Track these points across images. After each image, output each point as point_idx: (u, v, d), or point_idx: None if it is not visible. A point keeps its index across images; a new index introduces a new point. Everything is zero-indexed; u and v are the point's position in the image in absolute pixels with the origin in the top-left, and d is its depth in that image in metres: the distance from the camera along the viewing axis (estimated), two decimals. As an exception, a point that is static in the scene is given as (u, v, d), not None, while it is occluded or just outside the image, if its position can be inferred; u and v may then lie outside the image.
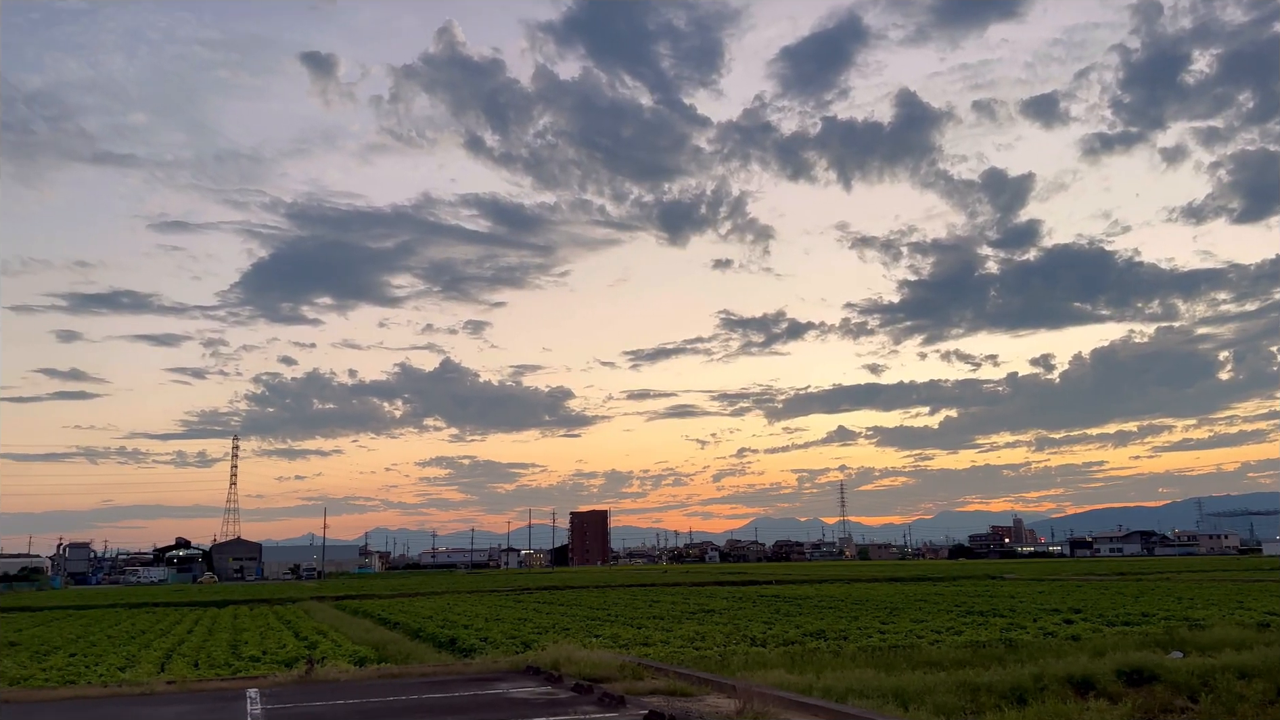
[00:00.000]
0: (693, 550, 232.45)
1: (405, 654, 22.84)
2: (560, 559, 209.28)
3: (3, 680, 18.72)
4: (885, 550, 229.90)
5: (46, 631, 33.45)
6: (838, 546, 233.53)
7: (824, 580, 68.63)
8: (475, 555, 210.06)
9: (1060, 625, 26.19)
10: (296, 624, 34.27)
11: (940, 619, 29.24)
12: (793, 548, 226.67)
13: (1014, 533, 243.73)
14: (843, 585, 59.26)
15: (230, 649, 25.18)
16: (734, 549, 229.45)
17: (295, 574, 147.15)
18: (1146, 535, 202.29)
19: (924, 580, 66.32)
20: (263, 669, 19.59)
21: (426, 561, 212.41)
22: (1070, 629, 25.02)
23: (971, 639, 22.85)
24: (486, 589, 64.56)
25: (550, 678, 15.38)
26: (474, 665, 18.26)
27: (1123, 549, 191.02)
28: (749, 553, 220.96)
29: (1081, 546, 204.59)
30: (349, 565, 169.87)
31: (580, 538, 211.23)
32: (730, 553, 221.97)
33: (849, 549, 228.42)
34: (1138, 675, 16.91)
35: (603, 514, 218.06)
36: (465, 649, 23.43)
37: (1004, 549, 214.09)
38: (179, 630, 33.03)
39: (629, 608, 38.55)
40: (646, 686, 14.14)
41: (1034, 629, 25.11)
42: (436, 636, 27.43)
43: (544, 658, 17.28)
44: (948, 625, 26.86)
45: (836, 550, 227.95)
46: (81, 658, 23.43)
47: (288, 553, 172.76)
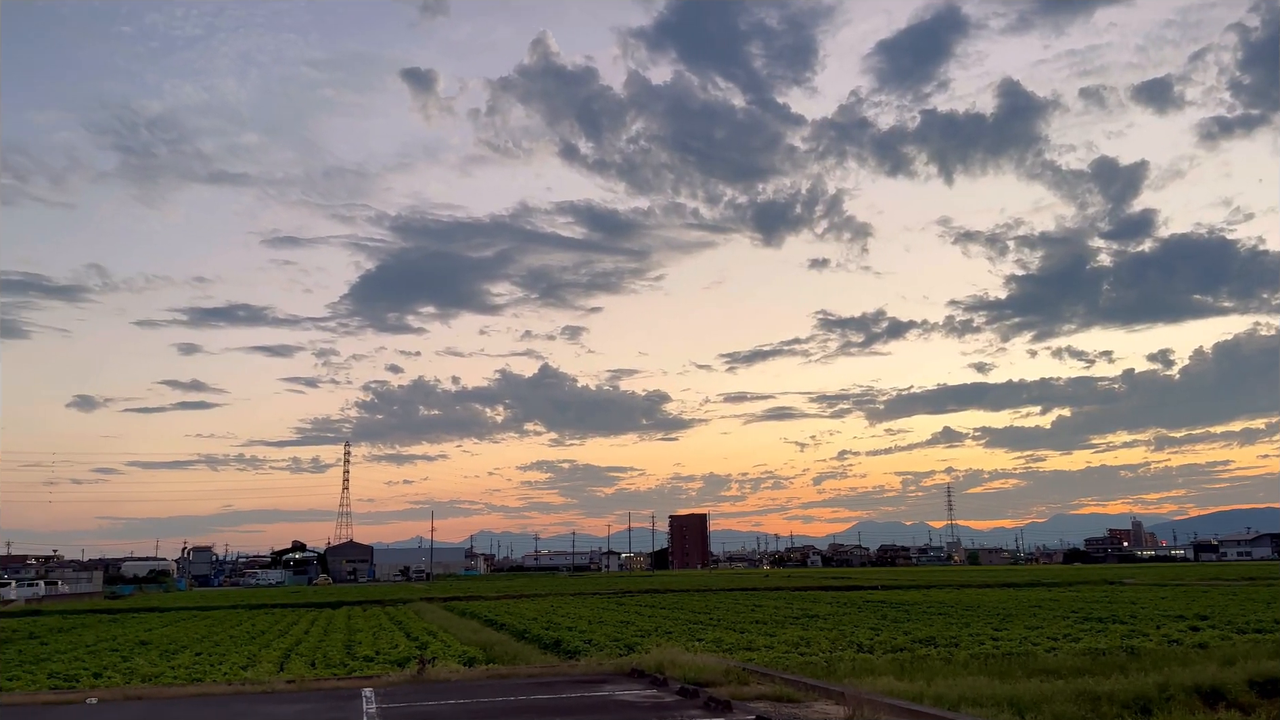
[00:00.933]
0: (794, 554, 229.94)
1: (512, 655, 23.19)
2: (660, 562, 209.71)
3: (136, 677, 19.74)
4: (996, 555, 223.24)
5: (174, 631, 35.12)
6: (945, 551, 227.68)
7: (932, 585, 67.00)
8: (576, 558, 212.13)
9: (1185, 632, 24.97)
10: (407, 624, 35.16)
11: (1056, 625, 28.22)
12: (898, 552, 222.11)
13: (1133, 536, 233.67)
14: (952, 591, 57.74)
15: (345, 649, 25.97)
16: (837, 553, 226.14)
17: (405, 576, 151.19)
18: (1277, 538, 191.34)
19: (1038, 585, 64.13)
20: (376, 669, 20.17)
21: (529, 564, 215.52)
22: (1196, 636, 23.84)
23: (1090, 646, 21.99)
24: (588, 591, 65.11)
25: (655, 681, 15.41)
26: (579, 667, 18.43)
27: (1251, 552, 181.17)
28: (852, 557, 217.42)
29: (1206, 550, 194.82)
30: (455, 567, 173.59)
31: (680, 541, 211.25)
32: (833, 557, 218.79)
33: (957, 554, 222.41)
34: (1272, 685, 15.99)
35: (702, 517, 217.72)
36: (570, 651, 23.65)
37: (1122, 553, 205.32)
38: (296, 630, 34.23)
39: (731, 612, 38.35)
40: (752, 692, 14.04)
41: (1157, 636, 24.01)
42: (541, 638, 27.77)
43: (648, 660, 17.32)
44: (1064, 632, 25.91)
45: (944, 555, 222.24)
46: (206, 656, 24.52)
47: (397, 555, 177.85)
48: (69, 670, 21.39)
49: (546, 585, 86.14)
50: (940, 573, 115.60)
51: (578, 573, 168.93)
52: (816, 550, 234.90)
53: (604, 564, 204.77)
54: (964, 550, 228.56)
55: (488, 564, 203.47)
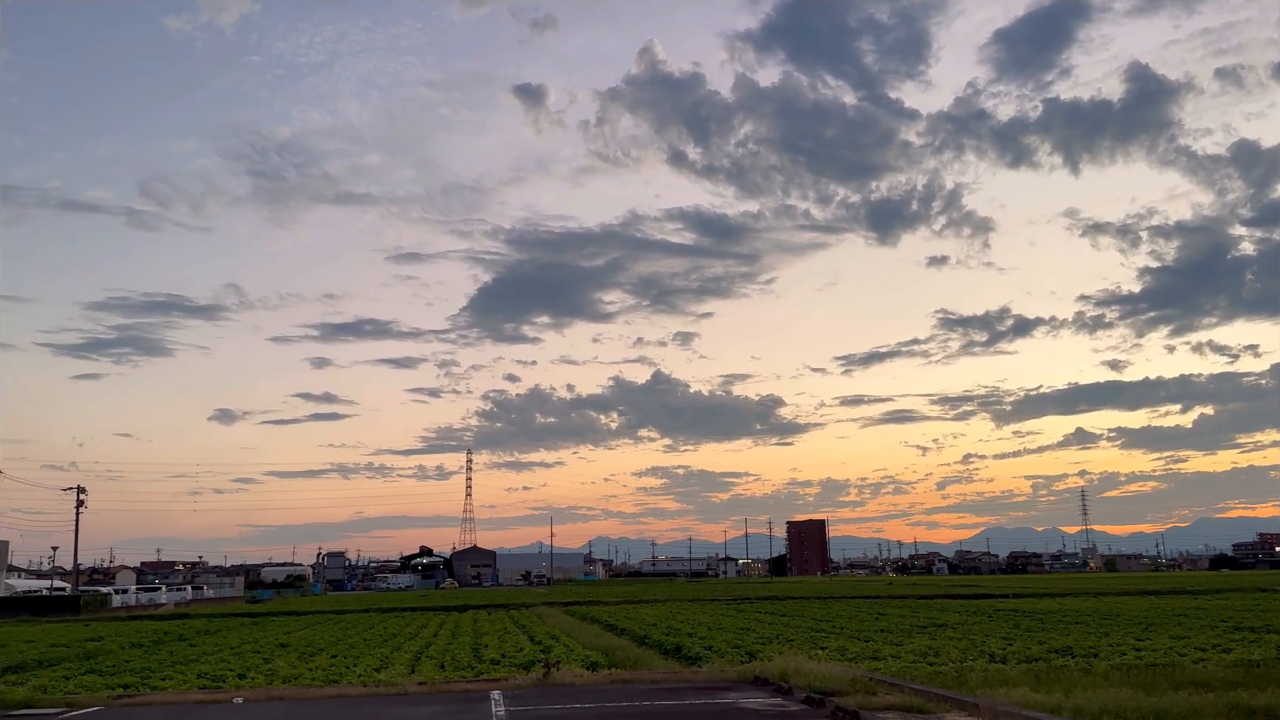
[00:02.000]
0: (918, 561, 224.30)
1: (633, 660, 23.30)
2: (778, 569, 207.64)
3: (277, 678, 20.66)
4: (1135, 561, 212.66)
5: (311, 634, 36.62)
6: (1080, 557, 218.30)
7: (1067, 593, 64.25)
8: (694, 564, 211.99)
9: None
10: (530, 628, 35.76)
11: (1204, 635, 26.66)
12: (1029, 559, 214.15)
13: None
14: (1089, 599, 55.26)
15: (472, 652, 26.57)
16: (964, 560, 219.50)
17: (526, 580, 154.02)
18: None
19: (1182, 593, 60.76)
20: (503, 671, 20.57)
21: (647, 569, 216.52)
22: (1366, 650, 22.14)
23: (1243, 657, 20.69)
24: (706, 597, 64.93)
25: (779, 689, 15.24)
26: (702, 673, 18.38)
27: None
28: (980, 564, 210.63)
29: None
30: (574, 572, 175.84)
31: (798, 547, 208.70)
32: (960, 564, 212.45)
33: (1093, 560, 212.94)
34: None
35: (820, 523, 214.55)
36: (691, 657, 23.62)
37: (1275, 559, 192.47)
38: (425, 634, 35.23)
39: (853, 620, 37.63)
40: (881, 702, 13.72)
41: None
42: (662, 643, 27.82)
43: (772, 668, 17.15)
44: (1213, 642, 24.45)
45: (1079, 561, 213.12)
46: (342, 658, 25.46)
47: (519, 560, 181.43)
48: (216, 671, 22.54)
49: (664, 591, 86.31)
50: (1075, 580, 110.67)
51: (695, 578, 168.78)
52: (942, 557, 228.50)
53: (721, 570, 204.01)
54: (1100, 556, 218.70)
55: (606, 569, 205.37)
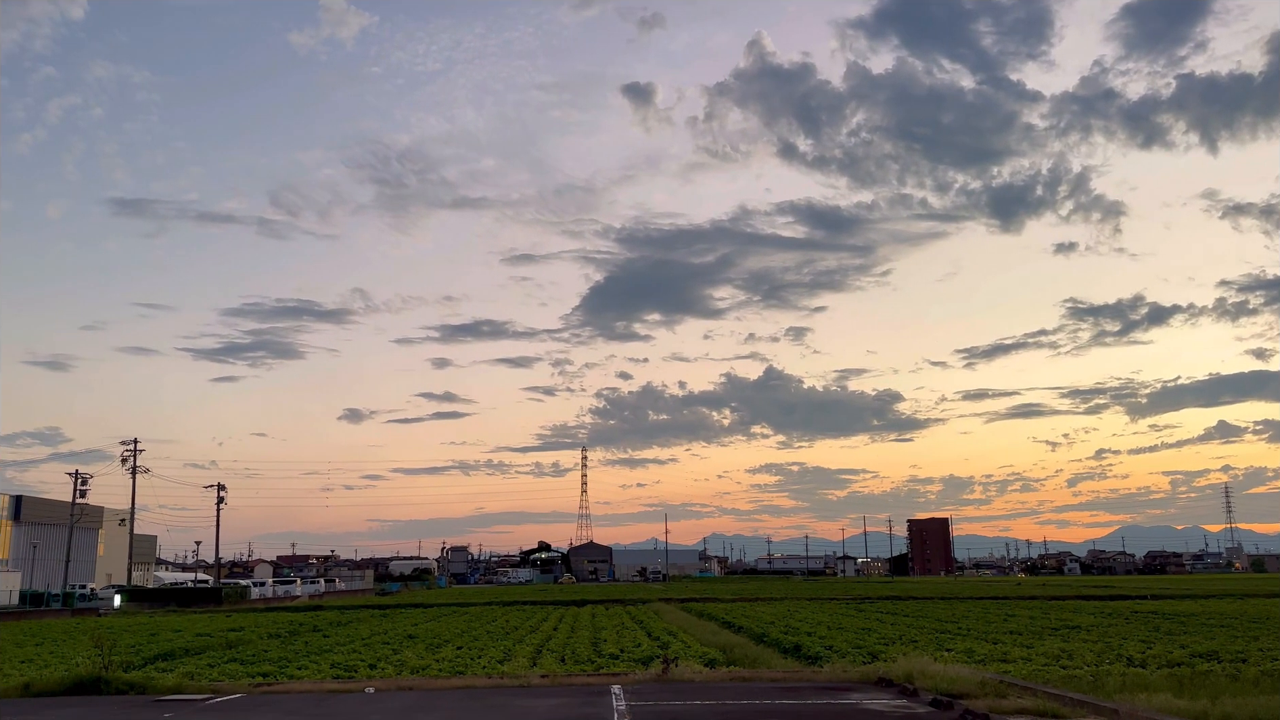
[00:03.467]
0: (1048, 561, 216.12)
1: (752, 658, 23.14)
2: (899, 568, 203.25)
3: (406, 669, 21.34)
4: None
5: (437, 626, 37.71)
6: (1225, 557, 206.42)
7: (1210, 595, 60.81)
8: (810, 562, 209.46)
9: None
10: (648, 624, 35.95)
11: (1369, 644, 24.81)
12: (1169, 559, 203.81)
13: None
14: (1234, 601, 52.18)
15: (591, 646, 26.87)
16: (1097, 560, 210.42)
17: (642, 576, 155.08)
18: None
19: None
20: (622, 666, 20.75)
21: (763, 567, 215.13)
22: None
23: None
24: (824, 596, 64.06)
25: (904, 691, 14.89)
26: (823, 673, 18.12)
27: None
28: (1115, 564, 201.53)
29: None
30: (689, 569, 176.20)
31: (919, 546, 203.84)
32: (1093, 564, 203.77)
33: (1239, 560, 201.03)
34: None
35: (943, 521, 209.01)
36: (810, 656, 23.31)
37: None
38: (545, 627, 35.83)
39: (980, 621, 36.48)
40: (1012, 705, 13.25)
41: None
42: (780, 642, 27.54)
43: (896, 669, 16.77)
44: (1380, 652, 22.73)
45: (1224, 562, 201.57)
46: (467, 650, 26.12)
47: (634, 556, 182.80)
48: (348, 661, 23.43)
49: (781, 589, 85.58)
50: (1220, 581, 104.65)
51: (812, 577, 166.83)
52: (1074, 557, 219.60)
53: (839, 568, 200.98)
54: (1247, 556, 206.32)
55: (721, 566, 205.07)
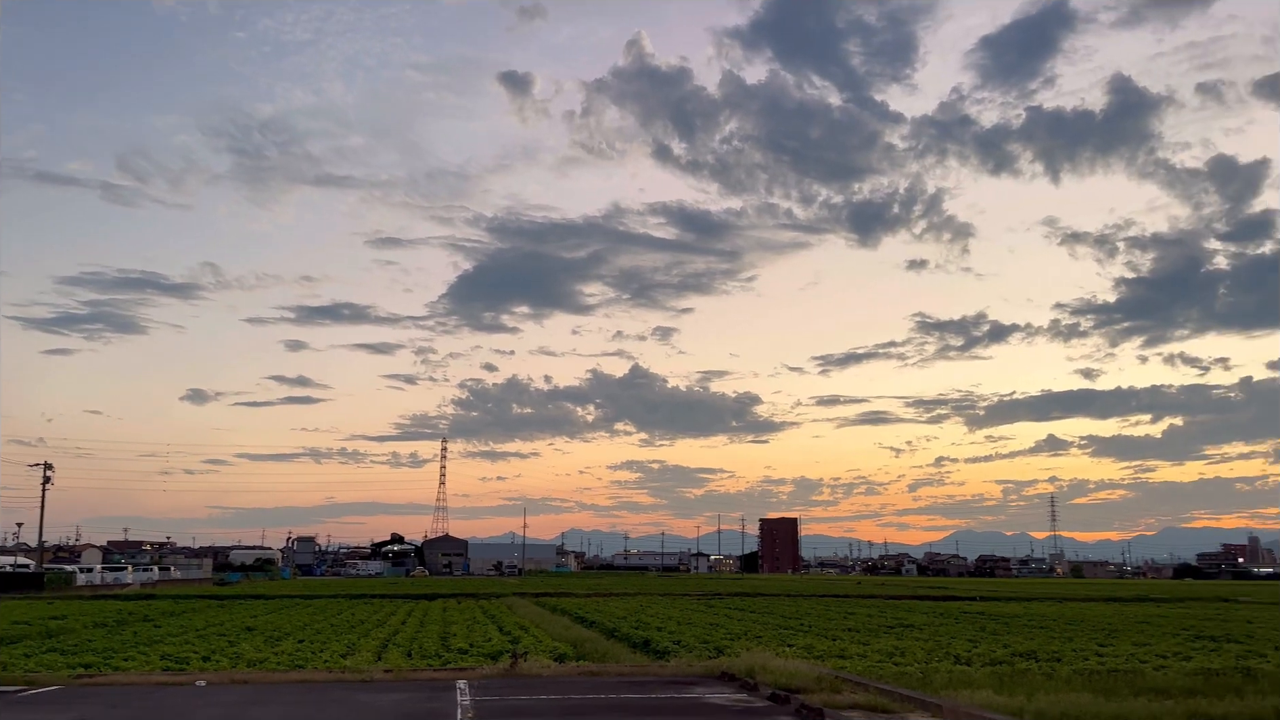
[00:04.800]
0: (888, 562, 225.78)
1: (602, 653, 23.32)
2: (749, 565, 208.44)
3: (242, 662, 20.53)
4: (1102, 568, 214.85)
5: (278, 618, 36.39)
6: (1048, 563, 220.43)
7: (1033, 598, 64.88)
8: (665, 559, 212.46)
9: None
10: (500, 618, 35.70)
11: (1165, 643, 27.02)
12: (998, 563, 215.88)
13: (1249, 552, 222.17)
14: (1054, 604, 55.83)
15: (440, 641, 26.49)
16: (933, 562, 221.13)
17: (498, 570, 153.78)
18: None
19: (1146, 601, 61.57)
20: (470, 661, 20.54)
21: (619, 563, 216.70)
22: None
23: (1202, 666, 20.97)
24: (677, 592, 65.09)
25: (745, 685, 15.29)
26: (669, 668, 18.42)
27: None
28: (949, 567, 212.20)
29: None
30: (547, 564, 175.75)
31: (770, 545, 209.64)
32: (929, 566, 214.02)
33: (1061, 566, 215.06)
34: None
35: (792, 521, 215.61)
36: (659, 651, 23.67)
37: (1237, 570, 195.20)
38: (393, 621, 35.09)
39: (822, 618, 37.85)
40: (845, 700, 13.81)
41: (1276, 658, 22.74)
42: (631, 637, 27.85)
43: (738, 664, 17.21)
44: (1174, 650, 24.77)
45: (1047, 567, 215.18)
46: (308, 644, 25.31)
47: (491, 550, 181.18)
48: (180, 653, 22.36)
49: (636, 584, 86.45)
50: (1042, 585, 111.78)
51: (667, 573, 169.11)
52: (911, 558, 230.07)
53: (693, 565, 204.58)
54: (1068, 563, 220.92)
55: (578, 561, 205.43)
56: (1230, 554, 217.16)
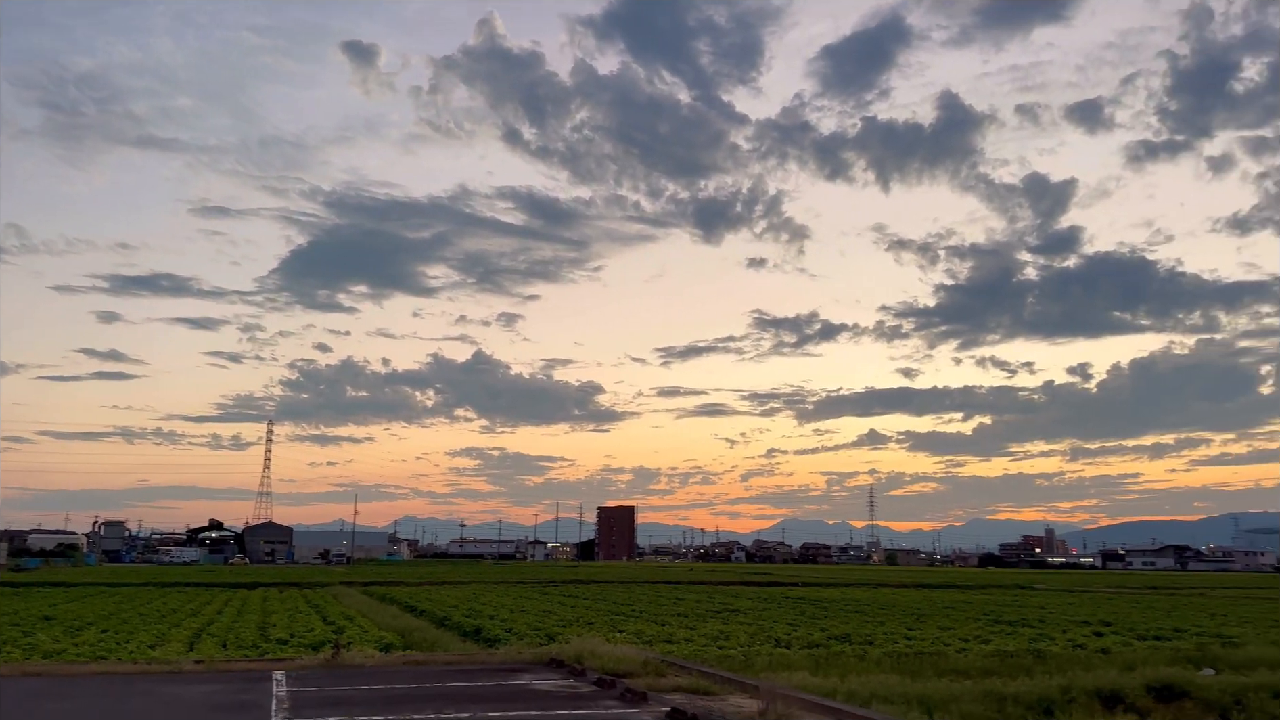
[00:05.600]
0: (719, 549, 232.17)
1: (431, 642, 22.98)
2: (586, 553, 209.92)
3: (36, 653, 19.06)
4: (913, 556, 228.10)
5: (80, 607, 34.02)
6: (865, 551, 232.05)
7: (850, 584, 68.20)
8: (502, 547, 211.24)
9: (1090, 638, 25.82)
10: (324, 608, 34.61)
11: (967, 627, 28.95)
12: (820, 550, 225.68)
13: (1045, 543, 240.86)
14: (869, 590, 58.85)
15: (259, 631, 25.46)
16: (760, 549, 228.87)
17: (325, 559, 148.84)
18: (1180, 550, 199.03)
19: (952, 587, 65.73)
20: (290, 652, 19.81)
21: (454, 551, 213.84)
22: (1100, 642, 24.67)
23: (999, 648, 22.60)
24: (512, 580, 64.85)
25: (573, 671, 15.41)
26: (498, 656, 18.34)
27: (1155, 563, 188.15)
28: (775, 554, 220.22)
29: (1114, 559, 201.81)
30: (378, 552, 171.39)
31: (607, 533, 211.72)
32: (756, 553, 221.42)
33: (877, 554, 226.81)
34: (1168, 691, 16.62)
35: (630, 510, 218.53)
36: (490, 639, 23.53)
37: (1034, 559, 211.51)
38: (209, 611, 33.48)
39: (653, 604, 38.56)
40: (669, 684, 14.12)
41: (1063, 641, 24.78)
42: (462, 626, 27.58)
43: (568, 651, 17.32)
44: (975, 634, 26.59)
45: (864, 554, 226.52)
46: (113, 634, 23.79)
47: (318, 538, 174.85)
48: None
49: (470, 573, 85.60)
50: (859, 572, 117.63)
51: (503, 561, 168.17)
52: (741, 546, 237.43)
53: (530, 553, 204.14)
54: (883, 550, 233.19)
55: (411, 550, 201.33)
56: (1029, 544, 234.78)
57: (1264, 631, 27.80)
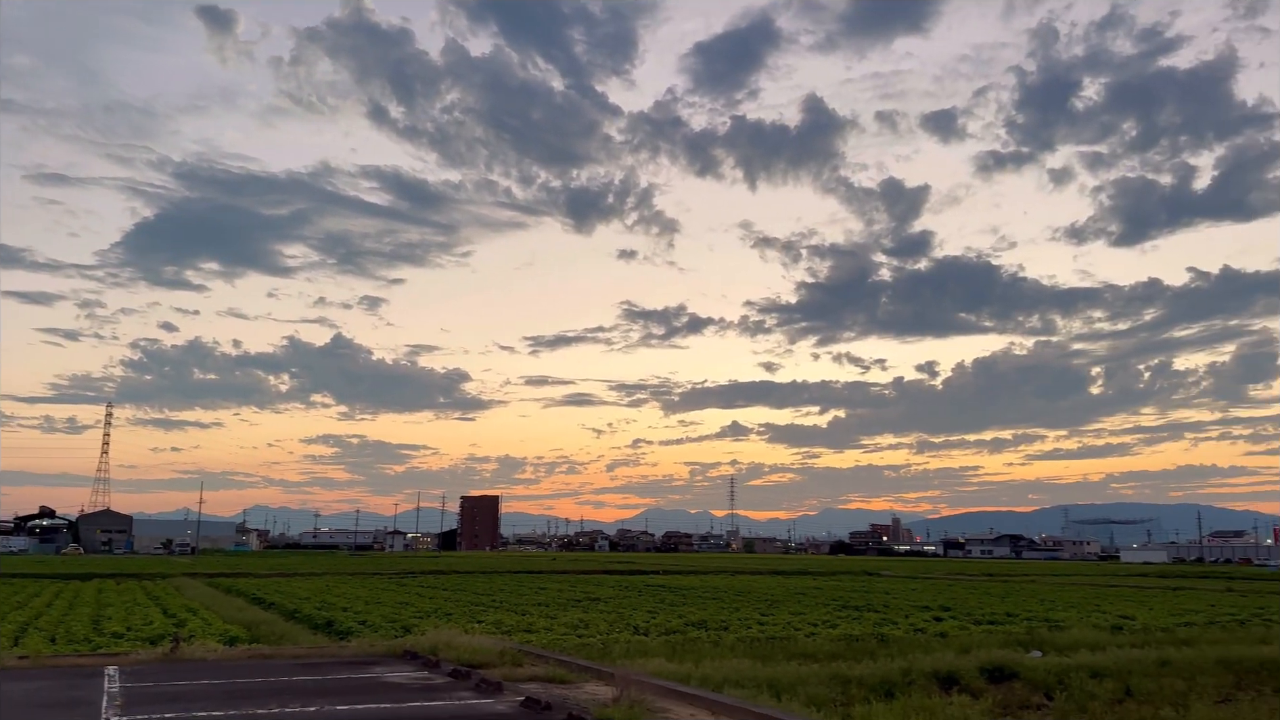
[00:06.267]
0: (583, 539, 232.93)
1: (279, 635, 22.22)
2: (448, 544, 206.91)
3: None
4: (770, 544, 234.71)
5: (-113, 602, 31.37)
6: (725, 539, 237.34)
7: (709, 572, 69.61)
8: (360, 537, 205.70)
9: (930, 622, 27.16)
10: (165, 601, 32.99)
11: (817, 612, 29.99)
12: (681, 539, 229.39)
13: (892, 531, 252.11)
14: (727, 577, 60.23)
15: (92, 624, 24.08)
16: (624, 539, 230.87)
17: (167, 549, 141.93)
18: (1015, 539, 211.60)
19: (805, 574, 67.94)
20: (125, 646, 18.79)
21: (308, 541, 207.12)
22: (939, 626, 25.98)
23: (846, 633, 23.51)
24: (369, 571, 63.35)
25: (428, 662, 15.18)
26: (350, 648, 17.88)
27: (992, 551, 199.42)
28: (638, 543, 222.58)
29: (954, 547, 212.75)
30: (225, 542, 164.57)
31: (470, 523, 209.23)
32: (620, 542, 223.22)
33: (735, 542, 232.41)
34: (999, 672, 17.66)
35: (494, 499, 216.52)
36: (342, 631, 22.94)
37: (882, 547, 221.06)
38: (37, 603, 31.43)
39: (515, 594, 38.39)
40: (525, 673, 14.09)
41: (905, 625, 25.98)
42: (313, 618, 26.79)
43: (422, 642, 17.05)
44: (824, 619, 27.58)
45: (723, 543, 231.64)
46: (-75, 630, 22.05)
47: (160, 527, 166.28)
48: None
49: (324, 564, 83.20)
50: (718, 559, 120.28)
51: (360, 552, 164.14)
52: (605, 535, 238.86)
53: (389, 544, 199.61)
54: (742, 539, 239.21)
55: (261, 540, 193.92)
56: (877, 533, 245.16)
57: (1086, 615, 29.87)
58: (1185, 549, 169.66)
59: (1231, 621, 28.43)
